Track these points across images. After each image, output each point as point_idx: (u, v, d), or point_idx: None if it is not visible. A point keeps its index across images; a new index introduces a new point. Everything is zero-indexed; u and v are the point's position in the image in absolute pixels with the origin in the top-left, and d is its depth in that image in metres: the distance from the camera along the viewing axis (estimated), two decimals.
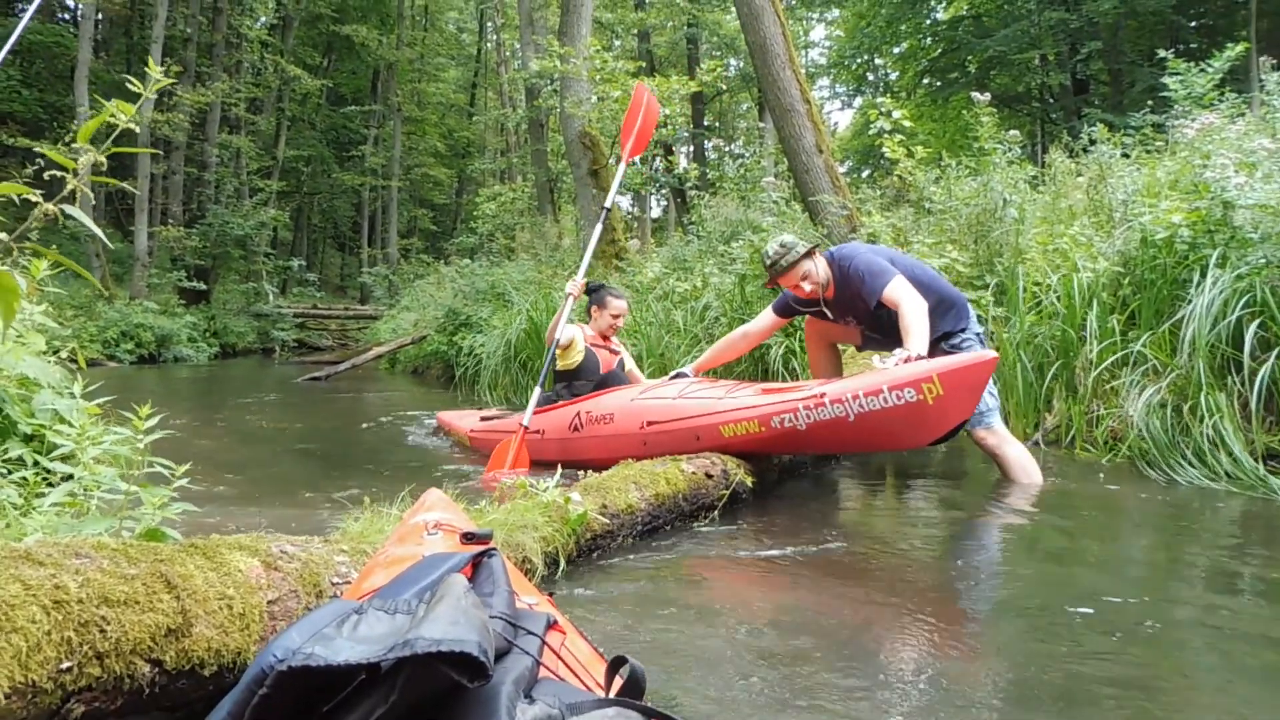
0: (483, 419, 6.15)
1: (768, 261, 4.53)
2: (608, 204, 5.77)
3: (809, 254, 4.49)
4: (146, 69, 1.96)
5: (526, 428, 4.89)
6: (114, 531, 2.12)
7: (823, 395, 3.79)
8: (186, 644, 1.53)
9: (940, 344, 4.31)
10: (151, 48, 20.78)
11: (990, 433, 4.30)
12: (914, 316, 4.01)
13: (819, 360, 5.13)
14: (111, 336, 17.16)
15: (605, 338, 5.58)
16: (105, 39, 28.10)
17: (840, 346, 5.30)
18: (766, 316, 4.97)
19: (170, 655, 1.50)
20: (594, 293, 5.63)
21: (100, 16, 24.50)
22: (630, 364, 5.74)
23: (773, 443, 4.04)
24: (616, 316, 5.53)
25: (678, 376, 4.90)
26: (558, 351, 5.36)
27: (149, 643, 1.46)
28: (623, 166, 5.80)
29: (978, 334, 4.46)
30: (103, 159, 1.61)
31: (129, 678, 1.43)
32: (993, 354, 3.61)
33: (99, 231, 1.69)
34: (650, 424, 4.38)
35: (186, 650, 1.53)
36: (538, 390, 5.10)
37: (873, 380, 3.67)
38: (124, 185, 2.00)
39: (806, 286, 4.50)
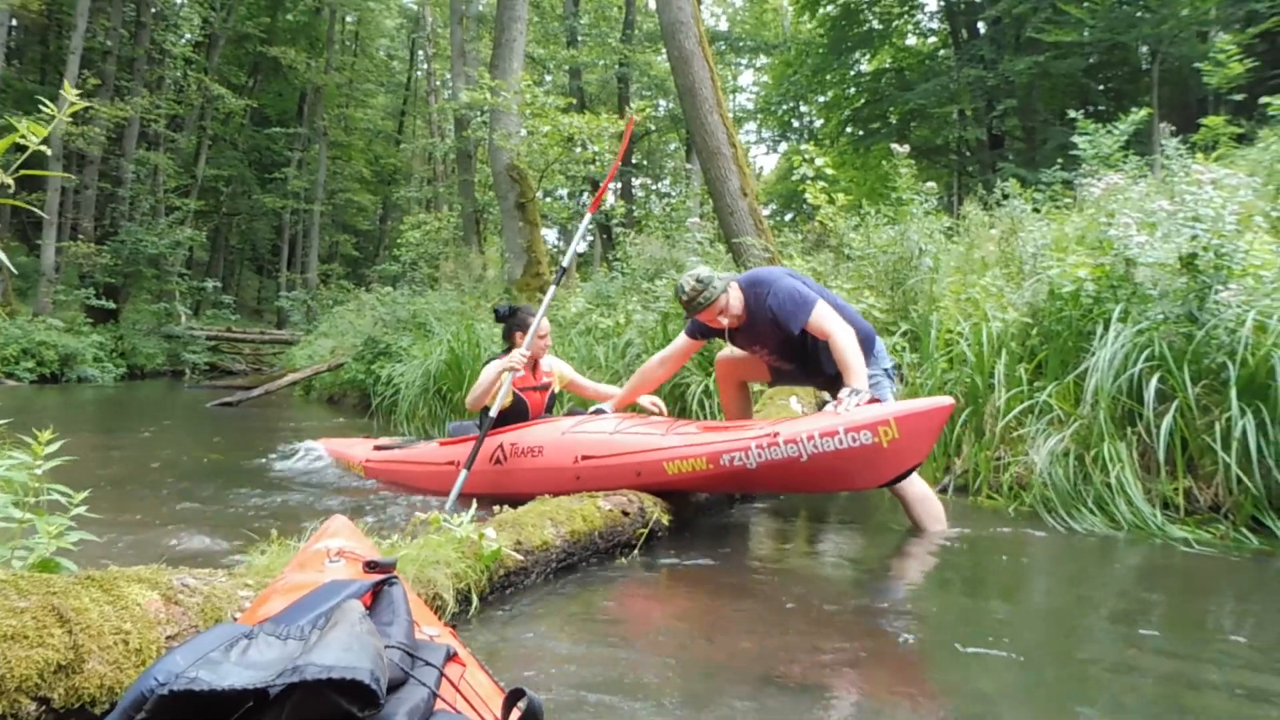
0: (376, 448, 5.96)
1: (684, 297, 4.35)
2: (565, 262, 5.16)
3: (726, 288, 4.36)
4: (63, 84, 1.91)
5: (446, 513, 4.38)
6: (4, 562, 2.04)
7: (776, 435, 3.77)
8: (77, 681, 1.48)
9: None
10: (69, 59, 20.12)
11: None
12: (848, 348, 3.94)
13: (731, 399, 5.04)
14: (11, 354, 16.48)
15: (534, 366, 5.17)
16: (19, 47, 27.18)
17: (753, 386, 5.30)
18: (681, 341, 4.82)
19: (59, 693, 1.45)
20: (510, 317, 5.19)
21: (14, 23, 23.74)
22: (573, 376, 5.47)
23: (719, 481, 4.01)
24: (542, 337, 5.07)
25: (597, 413, 4.77)
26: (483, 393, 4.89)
27: (36, 679, 1.41)
28: (587, 218, 5.25)
29: (886, 370, 4.41)
30: (10, 181, 1.57)
31: (12, 716, 1.37)
32: (949, 400, 3.64)
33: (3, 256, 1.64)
34: (585, 458, 4.30)
35: (77, 687, 1.48)
36: (464, 473, 4.44)
37: (829, 422, 3.67)
38: (25, 204, 1.93)
39: (724, 320, 4.37)
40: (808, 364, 4.41)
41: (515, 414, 4.98)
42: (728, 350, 4.90)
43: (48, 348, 17.27)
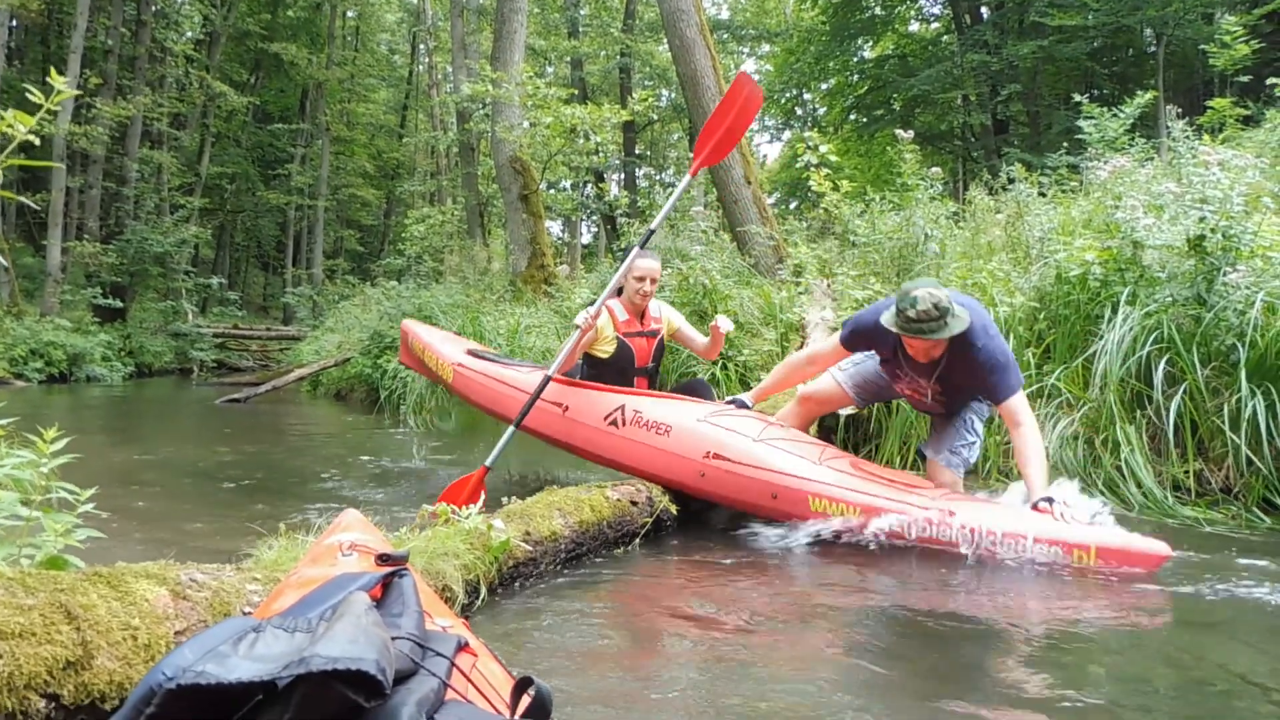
0: (469, 352, 5.28)
1: (909, 312, 3.46)
2: (654, 226, 4.68)
3: None
4: (60, 77, 1.90)
5: (488, 468, 4.09)
6: (12, 560, 2.04)
7: (951, 514, 3.44)
8: (86, 677, 1.48)
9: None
10: (70, 58, 20.08)
11: (948, 474, 3.94)
12: (1035, 447, 3.54)
13: (796, 418, 4.38)
14: (19, 354, 16.50)
15: (641, 313, 4.77)
16: (19, 47, 27.15)
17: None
18: (834, 345, 4.10)
19: (68, 689, 1.44)
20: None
21: (14, 23, 23.73)
22: (682, 325, 4.91)
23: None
24: (641, 279, 4.63)
25: (734, 403, 4.34)
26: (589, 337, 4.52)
27: (45, 676, 1.41)
28: (687, 178, 4.79)
29: None
30: None
31: (22, 714, 1.37)
32: (1164, 549, 3.15)
33: None
34: (715, 456, 3.91)
35: (86, 684, 1.47)
36: (511, 430, 4.23)
37: (1017, 524, 3.33)
38: (23, 200, 1.93)
39: (923, 355, 3.68)
40: (946, 411, 4.03)
41: (619, 359, 4.68)
42: (819, 386, 4.35)
43: (56, 348, 17.29)
